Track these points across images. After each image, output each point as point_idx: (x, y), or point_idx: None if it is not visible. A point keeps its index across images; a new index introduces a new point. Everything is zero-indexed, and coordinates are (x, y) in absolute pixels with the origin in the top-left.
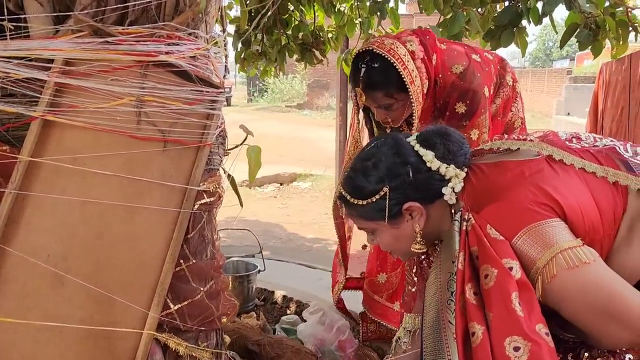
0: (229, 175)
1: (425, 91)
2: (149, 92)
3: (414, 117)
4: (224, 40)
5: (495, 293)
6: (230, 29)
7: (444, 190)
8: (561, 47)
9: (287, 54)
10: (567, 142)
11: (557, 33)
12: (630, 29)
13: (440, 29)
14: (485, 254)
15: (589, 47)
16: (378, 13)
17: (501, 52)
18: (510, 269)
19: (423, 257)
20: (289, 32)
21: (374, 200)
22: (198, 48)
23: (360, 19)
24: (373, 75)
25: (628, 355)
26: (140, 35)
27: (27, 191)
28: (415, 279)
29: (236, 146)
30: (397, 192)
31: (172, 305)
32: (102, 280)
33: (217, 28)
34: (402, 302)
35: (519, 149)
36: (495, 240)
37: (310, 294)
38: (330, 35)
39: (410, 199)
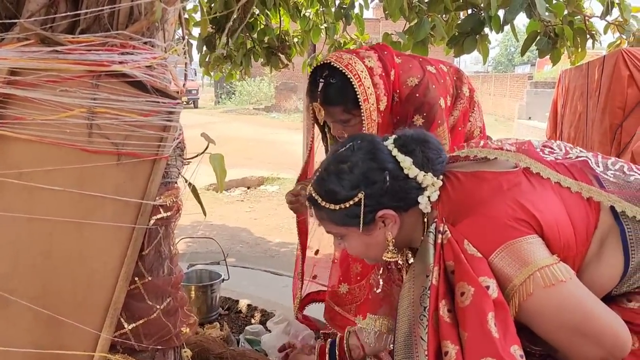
0: (189, 184)
1: (381, 108)
2: (101, 103)
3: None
4: (184, 48)
5: (470, 312)
6: (196, 31)
7: (419, 199)
8: (522, 54)
9: (252, 57)
10: (541, 154)
11: (517, 41)
12: (588, 36)
13: (407, 35)
14: (461, 270)
15: (549, 55)
16: (343, 19)
17: (465, 57)
18: (487, 287)
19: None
20: (255, 36)
21: (347, 206)
22: (154, 57)
23: (325, 25)
24: (331, 91)
25: None
26: (92, 44)
27: None
28: (381, 281)
29: (197, 155)
30: (372, 199)
31: (126, 325)
32: (51, 301)
33: (179, 33)
34: (364, 303)
35: (496, 158)
36: (473, 257)
37: (275, 302)
38: (296, 39)
39: (384, 206)
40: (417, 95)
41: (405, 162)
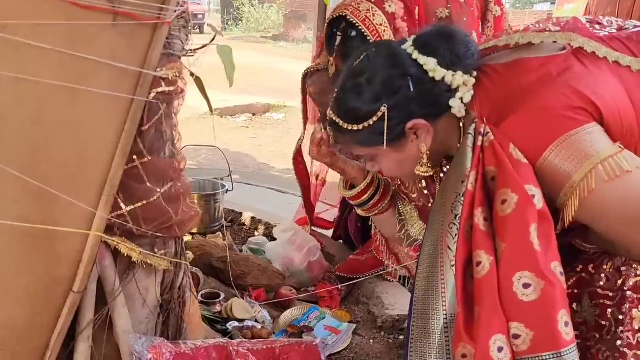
0: (192, 74)
1: None
2: None
3: None
4: None
5: (512, 222)
6: None
7: (451, 102)
8: None
9: None
10: (591, 30)
11: None
12: None
13: None
14: (505, 176)
15: None
16: None
17: None
18: (533, 197)
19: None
20: None
21: (372, 123)
22: None
23: None
24: (348, 45)
25: None
26: None
27: None
28: (415, 195)
29: (203, 46)
30: (398, 110)
31: (124, 206)
32: (41, 172)
33: None
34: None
35: (542, 42)
36: (519, 163)
37: (279, 216)
38: None
39: (413, 116)
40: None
41: (429, 64)
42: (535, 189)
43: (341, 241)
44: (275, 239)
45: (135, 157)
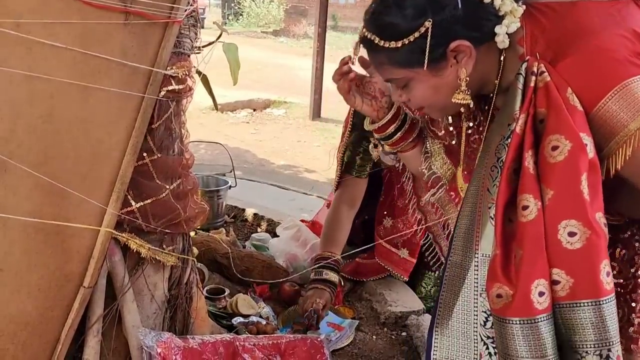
0: (200, 73)
1: None
2: None
3: None
4: None
5: (563, 169)
6: None
7: (497, 29)
8: None
9: None
10: None
11: None
12: None
13: None
14: (560, 120)
15: None
16: None
17: None
18: (586, 145)
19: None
20: None
21: (412, 39)
22: None
23: None
24: None
25: None
26: None
27: None
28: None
29: (210, 43)
30: (442, 29)
31: (133, 203)
32: (53, 169)
33: None
34: None
35: None
36: (575, 109)
37: (282, 212)
38: None
39: (457, 36)
40: None
41: None
42: (588, 137)
43: None
44: (277, 236)
45: (145, 154)
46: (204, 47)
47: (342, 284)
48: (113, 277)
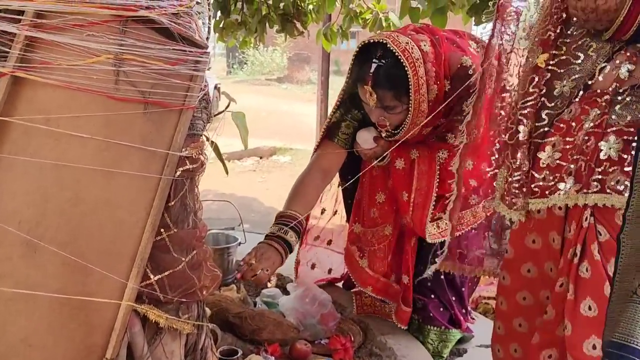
0: (211, 142)
1: (431, 97)
2: (128, 49)
3: (405, 124)
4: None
5: None
6: None
7: None
8: None
9: (267, 24)
10: None
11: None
12: None
13: (426, 2)
14: None
15: None
16: None
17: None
18: None
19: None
20: (270, 2)
21: None
22: (181, 5)
23: None
24: (385, 74)
25: None
26: None
27: None
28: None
29: (220, 112)
30: None
31: (152, 276)
32: (78, 248)
33: None
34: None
35: None
36: None
37: (291, 267)
38: (311, 7)
39: None
40: (472, 76)
41: None
42: None
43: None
44: (288, 292)
45: (162, 230)
46: (215, 115)
47: (353, 339)
48: (133, 348)
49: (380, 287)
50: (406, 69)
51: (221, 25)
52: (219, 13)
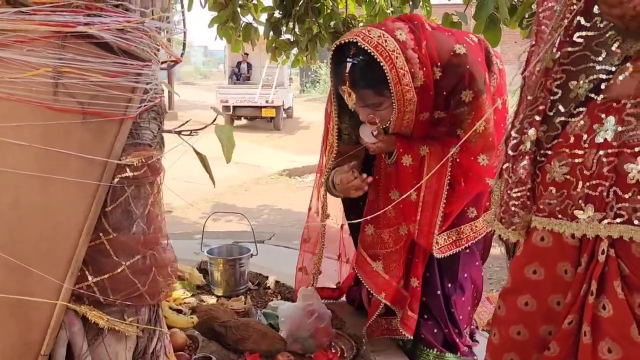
0: (199, 154)
1: (418, 84)
2: (67, 63)
3: (393, 116)
4: (182, 16)
5: None
6: (263, 17)
7: None
8: None
9: (318, 42)
10: None
11: None
12: None
13: (473, 13)
14: None
15: None
16: (410, 2)
17: None
18: None
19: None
20: (321, 21)
21: None
22: (128, 21)
23: (392, 9)
24: (361, 72)
25: None
26: (56, 6)
27: None
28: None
29: (205, 126)
30: None
31: (90, 278)
32: (17, 250)
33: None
34: None
35: None
36: None
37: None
38: (362, 24)
39: None
40: (468, 66)
41: None
42: None
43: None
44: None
45: (101, 234)
46: (200, 129)
47: (345, 354)
48: (72, 347)
49: (393, 293)
50: (382, 64)
51: (274, 45)
52: (271, 33)
